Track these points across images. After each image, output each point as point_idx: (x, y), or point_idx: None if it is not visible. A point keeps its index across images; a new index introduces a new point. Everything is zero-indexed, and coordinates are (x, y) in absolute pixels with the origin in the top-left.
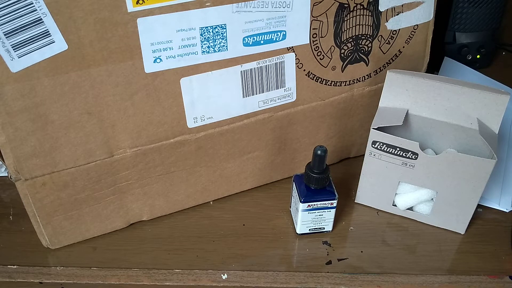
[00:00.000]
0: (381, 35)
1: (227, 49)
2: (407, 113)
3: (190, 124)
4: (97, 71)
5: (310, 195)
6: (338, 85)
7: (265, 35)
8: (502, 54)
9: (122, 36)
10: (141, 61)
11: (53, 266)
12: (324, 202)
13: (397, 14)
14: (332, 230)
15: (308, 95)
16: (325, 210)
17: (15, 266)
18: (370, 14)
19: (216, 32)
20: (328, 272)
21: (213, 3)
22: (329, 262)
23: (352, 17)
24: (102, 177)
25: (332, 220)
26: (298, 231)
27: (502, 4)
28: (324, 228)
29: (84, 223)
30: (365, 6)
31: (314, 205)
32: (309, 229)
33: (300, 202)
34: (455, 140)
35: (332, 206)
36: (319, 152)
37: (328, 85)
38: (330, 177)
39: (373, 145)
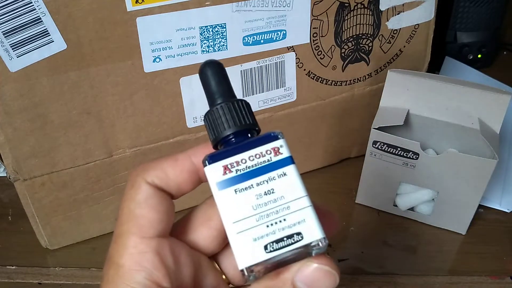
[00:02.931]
0: (381, 35)
1: (227, 48)
2: (408, 113)
3: (190, 124)
4: (96, 71)
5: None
6: (339, 85)
7: (265, 35)
8: (504, 53)
9: (121, 36)
10: (141, 60)
11: (52, 266)
12: (259, 149)
13: (397, 14)
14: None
15: (308, 94)
16: (272, 175)
17: (13, 267)
18: (370, 13)
19: (215, 31)
20: None
21: (213, 2)
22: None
23: (353, 16)
24: (101, 177)
25: (306, 205)
26: (241, 265)
27: (504, 3)
28: (299, 232)
29: (83, 224)
30: (366, 5)
31: (239, 162)
32: (267, 245)
33: (205, 167)
34: (456, 140)
35: (281, 159)
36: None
37: (329, 84)
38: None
39: (373, 145)
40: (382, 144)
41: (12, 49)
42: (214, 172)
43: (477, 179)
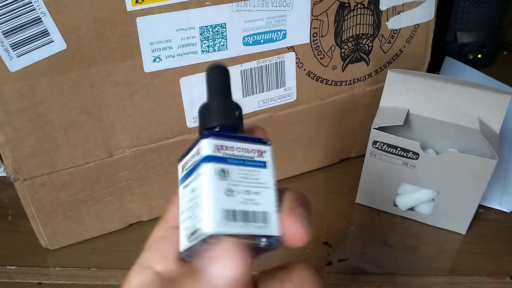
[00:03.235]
0: (381, 35)
1: (227, 48)
2: (408, 113)
3: (190, 124)
4: (96, 71)
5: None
6: (339, 85)
7: (265, 35)
8: (504, 53)
9: (121, 36)
10: (141, 60)
11: (52, 266)
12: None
13: (397, 14)
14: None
15: (308, 94)
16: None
17: (13, 267)
18: (370, 13)
19: (215, 31)
20: (328, 273)
21: (213, 2)
22: (330, 263)
23: (353, 16)
24: (101, 177)
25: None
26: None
27: (504, 3)
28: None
29: (83, 224)
30: (366, 5)
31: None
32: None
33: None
34: (456, 140)
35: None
36: (214, 67)
37: (329, 84)
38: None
39: (373, 145)
40: (382, 144)
41: (12, 49)
42: (207, 146)
43: (477, 179)
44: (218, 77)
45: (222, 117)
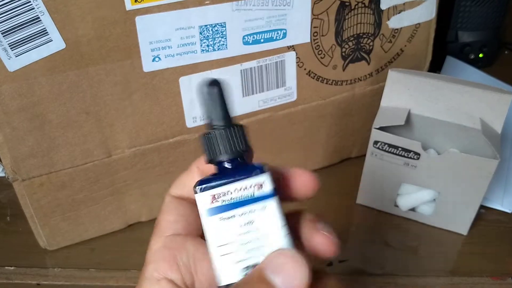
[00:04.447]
0: (382, 34)
1: (226, 47)
2: (409, 112)
3: (189, 123)
4: (95, 70)
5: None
6: (339, 84)
7: (265, 34)
8: (505, 53)
9: (120, 35)
10: (140, 60)
11: (50, 267)
12: (244, 182)
13: (398, 13)
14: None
15: (308, 94)
16: (253, 208)
17: (12, 268)
18: (371, 13)
19: (215, 30)
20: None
21: (213, 1)
22: (330, 264)
23: (354, 15)
24: (100, 177)
25: (283, 236)
26: (222, 283)
27: (505, 3)
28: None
29: (82, 224)
30: (367, 4)
31: (226, 193)
32: (244, 268)
33: (196, 194)
34: (457, 140)
35: (263, 195)
36: (209, 83)
37: (329, 84)
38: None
39: (374, 145)
40: (383, 144)
41: (11, 48)
42: (204, 199)
43: (478, 179)
44: (214, 97)
45: (223, 151)
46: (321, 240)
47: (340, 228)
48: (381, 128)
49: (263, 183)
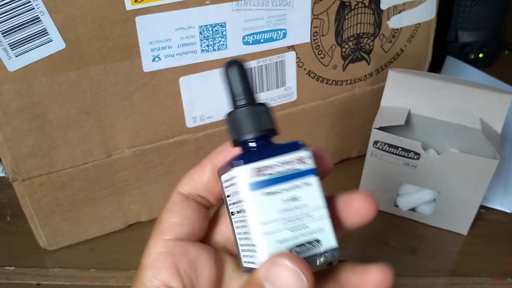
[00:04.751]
0: (382, 34)
1: (226, 47)
2: (409, 112)
3: (189, 123)
4: (95, 70)
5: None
6: (339, 84)
7: (265, 34)
8: (505, 53)
9: (120, 35)
10: (140, 60)
11: (50, 267)
12: (286, 156)
13: (398, 13)
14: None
15: (308, 94)
16: (297, 184)
17: (12, 268)
18: (371, 13)
19: (215, 30)
20: None
21: (213, 1)
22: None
23: (354, 15)
24: (100, 177)
25: (326, 216)
26: (261, 259)
27: (505, 3)
28: (318, 239)
29: (82, 224)
30: (367, 4)
31: (271, 167)
32: (291, 249)
33: (238, 166)
34: (457, 140)
35: (307, 170)
36: (233, 64)
37: (329, 84)
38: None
39: (374, 145)
40: (383, 144)
41: (11, 48)
42: (246, 173)
43: (478, 179)
44: (239, 76)
45: (252, 130)
46: (361, 199)
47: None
48: (381, 128)
49: (306, 158)
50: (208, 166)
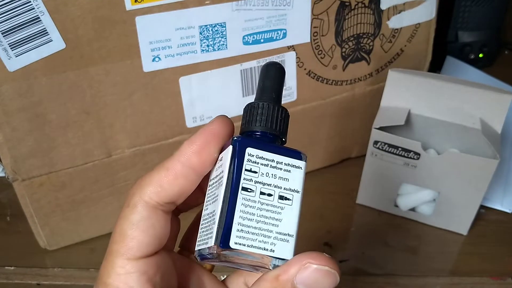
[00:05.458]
0: (382, 34)
1: (226, 47)
2: (409, 112)
3: (189, 123)
4: (95, 70)
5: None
6: (339, 84)
7: (265, 34)
8: (505, 53)
9: (120, 35)
10: (140, 60)
11: (50, 267)
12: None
13: (398, 13)
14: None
15: (308, 94)
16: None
17: (12, 268)
18: (371, 13)
19: (215, 30)
20: None
21: (213, 1)
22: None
23: (354, 15)
24: (100, 177)
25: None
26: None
27: (505, 3)
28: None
29: (82, 224)
30: (367, 5)
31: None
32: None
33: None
34: (457, 140)
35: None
36: (272, 62)
37: (329, 84)
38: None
39: (374, 145)
40: (383, 144)
41: (11, 48)
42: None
43: (478, 179)
44: (276, 75)
45: (269, 126)
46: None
47: (340, 228)
48: (381, 128)
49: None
50: (178, 170)
